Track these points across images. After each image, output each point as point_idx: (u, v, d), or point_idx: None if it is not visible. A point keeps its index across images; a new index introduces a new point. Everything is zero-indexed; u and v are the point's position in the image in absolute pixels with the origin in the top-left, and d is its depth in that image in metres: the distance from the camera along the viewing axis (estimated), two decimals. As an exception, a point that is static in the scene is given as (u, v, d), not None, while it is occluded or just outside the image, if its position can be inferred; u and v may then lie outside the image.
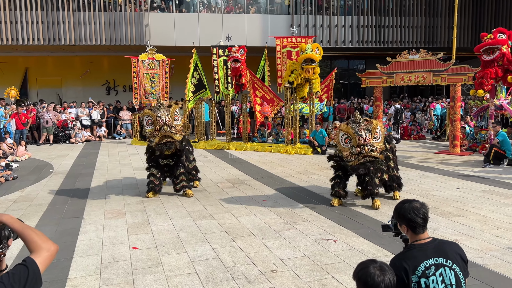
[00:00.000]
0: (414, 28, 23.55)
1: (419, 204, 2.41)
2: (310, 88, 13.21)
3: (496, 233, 5.47)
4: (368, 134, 6.24)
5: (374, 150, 6.25)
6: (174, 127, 7.20)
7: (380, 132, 6.47)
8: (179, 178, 7.70)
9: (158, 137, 7.15)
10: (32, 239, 1.76)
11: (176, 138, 7.21)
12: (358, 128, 6.28)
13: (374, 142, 6.29)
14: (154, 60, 16.74)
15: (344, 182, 7.09)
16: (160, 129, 7.10)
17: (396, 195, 7.34)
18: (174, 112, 7.35)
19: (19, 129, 15.54)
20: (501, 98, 12.83)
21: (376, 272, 1.91)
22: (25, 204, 7.42)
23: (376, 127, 6.40)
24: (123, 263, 4.71)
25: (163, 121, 7.07)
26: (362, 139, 6.19)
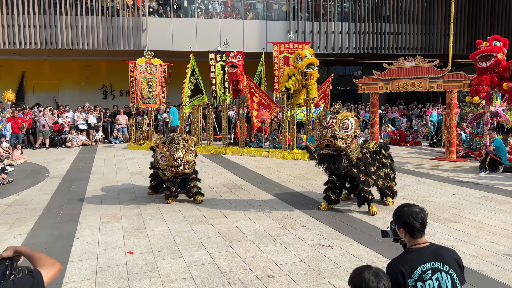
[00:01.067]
0: (410, 35, 23.71)
1: (418, 209, 2.43)
2: (307, 94, 13.24)
3: (492, 239, 5.49)
4: (334, 120, 6.23)
5: (336, 137, 6.19)
6: (188, 162, 7.33)
7: (353, 126, 6.34)
8: (192, 184, 7.72)
9: (171, 174, 7.39)
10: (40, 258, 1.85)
11: (187, 173, 7.43)
12: (327, 114, 6.37)
13: (340, 131, 6.22)
14: (152, 65, 16.74)
15: (339, 187, 7.06)
16: (175, 168, 7.24)
17: (388, 201, 7.34)
18: (190, 148, 7.41)
19: (15, 132, 15.48)
20: (496, 105, 12.91)
21: (371, 278, 1.91)
22: (20, 208, 7.38)
23: (346, 118, 6.31)
24: (118, 268, 4.68)
25: (178, 163, 7.18)
26: (325, 122, 6.23)
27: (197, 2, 22.27)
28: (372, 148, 7.04)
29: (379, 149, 7.14)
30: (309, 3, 22.76)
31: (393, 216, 2.51)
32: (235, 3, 22.84)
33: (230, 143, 16.32)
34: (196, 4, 22.20)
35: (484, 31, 23.79)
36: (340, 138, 6.22)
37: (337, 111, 6.41)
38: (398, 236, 2.54)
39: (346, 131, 6.28)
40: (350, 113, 6.48)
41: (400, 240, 2.56)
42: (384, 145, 7.49)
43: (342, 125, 6.26)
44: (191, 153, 7.45)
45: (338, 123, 6.23)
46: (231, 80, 14.50)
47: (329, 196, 7.02)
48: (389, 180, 7.27)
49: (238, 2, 22.65)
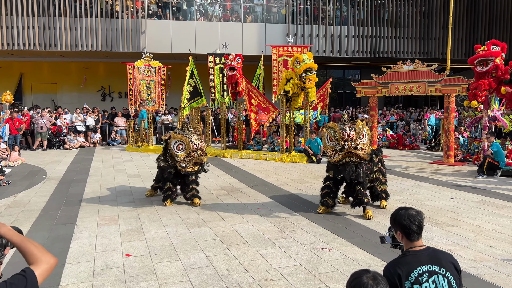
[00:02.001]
0: (409, 39, 23.79)
1: (415, 211, 2.44)
2: (306, 97, 13.26)
3: (490, 244, 5.49)
4: (353, 132, 6.30)
5: (358, 148, 6.26)
6: (203, 149, 7.28)
7: (366, 134, 6.48)
8: (190, 187, 7.64)
9: (191, 162, 7.19)
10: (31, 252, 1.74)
11: (204, 160, 7.34)
12: (343, 126, 6.40)
13: (359, 141, 6.31)
14: (150, 67, 16.75)
15: (334, 192, 7.09)
16: (194, 153, 7.13)
17: (383, 204, 7.35)
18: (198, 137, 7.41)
19: (13, 134, 15.44)
20: (494, 109, 12.95)
21: (369, 282, 1.90)
22: (17, 210, 7.35)
23: (362, 128, 6.44)
24: (116, 270, 4.67)
25: (196, 145, 7.11)
26: (346, 134, 6.26)
27: (196, 5, 22.30)
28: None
29: (371, 154, 7.16)
30: (308, 7, 22.82)
31: (390, 219, 2.52)
32: (234, 6, 22.88)
33: (229, 146, 16.32)
34: (195, 6, 22.24)
35: (482, 35, 23.89)
36: (361, 148, 6.32)
37: (348, 122, 6.51)
38: (397, 242, 2.55)
39: (363, 141, 6.39)
40: (362, 123, 6.58)
41: (399, 245, 2.56)
42: (377, 150, 7.50)
43: (359, 136, 6.35)
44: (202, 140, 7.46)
45: (357, 134, 6.33)
46: (230, 83, 14.52)
47: (327, 202, 7.06)
48: (379, 183, 7.27)
49: (237, 5, 22.69)
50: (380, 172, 7.32)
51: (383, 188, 7.32)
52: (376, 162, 7.25)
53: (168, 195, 7.60)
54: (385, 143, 17.37)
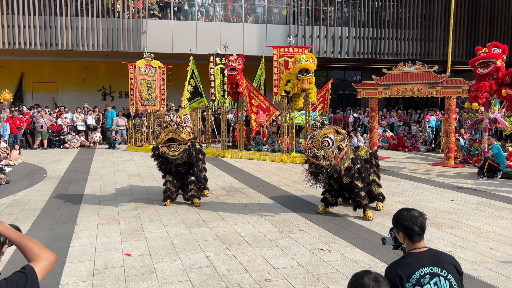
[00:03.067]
0: (410, 40, 23.78)
1: (417, 213, 2.44)
2: (306, 98, 13.25)
3: (490, 246, 5.49)
4: (313, 140, 6.27)
5: (318, 157, 6.22)
6: (183, 127, 7.20)
7: (332, 141, 6.28)
8: (189, 187, 7.60)
9: (164, 132, 7.10)
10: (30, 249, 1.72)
11: (182, 136, 7.15)
12: (308, 133, 6.44)
13: (321, 150, 6.22)
14: (151, 67, 16.75)
15: (336, 190, 7.08)
16: (167, 126, 7.08)
17: (379, 205, 7.35)
18: (182, 116, 7.32)
19: (13, 133, 15.44)
20: (495, 111, 12.94)
21: (371, 283, 1.90)
22: (17, 209, 7.35)
23: (325, 135, 6.28)
24: (116, 270, 4.66)
25: (170, 118, 7.09)
26: (307, 143, 6.34)
27: (198, 5, 22.30)
28: (364, 155, 7.10)
29: (370, 157, 7.19)
30: (309, 8, 22.82)
31: (392, 220, 2.52)
32: (236, 6, 22.89)
33: (229, 146, 16.32)
34: (197, 7, 22.24)
35: (483, 37, 23.88)
36: (322, 156, 6.23)
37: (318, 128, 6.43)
38: (398, 243, 2.55)
39: (328, 148, 6.27)
40: (330, 129, 6.38)
41: (401, 247, 2.56)
42: (375, 153, 7.52)
43: (322, 143, 6.26)
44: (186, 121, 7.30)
45: (317, 143, 6.25)
46: (230, 83, 14.52)
47: (327, 199, 7.08)
48: (375, 186, 7.27)
49: (239, 5, 22.69)
50: (376, 174, 7.34)
51: (379, 191, 7.33)
52: (373, 164, 7.27)
53: (168, 195, 7.58)
54: (386, 145, 17.37)
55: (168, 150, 7.14)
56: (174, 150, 7.15)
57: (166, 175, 7.70)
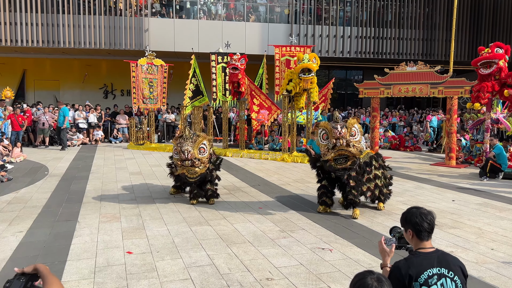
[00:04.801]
0: (412, 40, 23.74)
1: (426, 211, 2.47)
2: (308, 97, 13.25)
3: (491, 246, 5.48)
4: (344, 129, 6.32)
5: (350, 145, 6.28)
6: (199, 159, 7.24)
7: (358, 131, 6.47)
8: (207, 187, 7.67)
9: (180, 168, 7.35)
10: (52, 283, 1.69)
11: (197, 171, 7.30)
12: (335, 124, 6.42)
13: (351, 138, 6.32)
14: (153, 65, 16.76)
15: (331, 191, 7.13)
16: (183, 162, 7.19)
17: (380, 205, 7.35)
18: (200, 145, 7.32)
19: (15, 130, 15.46)
20: (497, 111, 12.92)
21: (373, 283, 1.90)
22: (19, 206, 7.36)
23: (353, 125, 6.44)
24: (117, 268, 4.67)
25: (185, 156, 7.13)
26: (338, 132, 6.29)
27: (200, 4, 22.29)
28: (363, 159, 7.01)
29: (370, 160, 7.12)
30: (312, 7, 22.80)
31: (401, 218, 2.53)
32: (238, 5, 22.87)
33: (230, 145, 16.31)
34: (199, 5, 22.23)
35: (485, 38, 23.83)
36: (353, 146, 6.32)
37: (340, 120, 6.51)
38: (402, 243, 2.56)
39: (355, 138, 6.39)
40: (354, 120, 6.58)
41: (405, 246, 2.57)
42: (376, 156, 7.41)
43: (351, 133, 6.36)
44: (203, 151, 7.34)
45: (348, 132, 6.33)
46: (231, 82, 14.51)
47: (325, 201, 7.12)
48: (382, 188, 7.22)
49: (241, 4, 22.68)
50: (384, 176, 7.30)
51: (385, 191, 7.32)
52: (377, 167, 7.20)
53: (195, 193, 7.63)
54: (387, 144, 17.36)
55: (187, 173, 7.32)
56: (192, 174, 7.32)
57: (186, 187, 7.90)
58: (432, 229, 2.42)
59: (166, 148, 16.08)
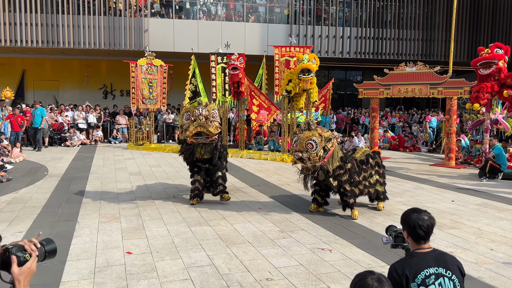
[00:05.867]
0: (411, 41, 23.76)
1: (427, 217, 2.44)
2: (308, 97, 13.24)
3: (491, 246, 5.49)
4: (297, 143, 6.52)
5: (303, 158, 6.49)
6: (211, 121, 7.24)
7: (316, 143, 6.43)
8: (218, 182, 7.66)
9: (193, 125, 7.21)
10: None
11: (211, 130, 7.22)
12: (294, 135, 6.72)
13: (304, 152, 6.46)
14: (152, 66, 16.75)
15: (324, 190, 7.13)
16: (195, 120, 7.14)
17: (380, 205, 7.36)
18: (211, 110, 7.34)
19: (14, 130, 15.45)
20: (496, 112, 12.93)
21: (374, 283, 1.90)
22: (18, 206, 7.36)
23: (309, 138, 6.45)
24: (117, 268, 4.67)
25: (199, 112, 7.13)
26: (294, 144, 6.57)
27: (199, 4, 22.30)
28: (359, 157, 7.15)
29: (367, 158, 7.19)
30: (311, 7, 22.81)
31: (401, 218, 2.53)
32: (237, 5, 22.88)
33: (230, 145, 16.31)
34: (198, 6, 22.23)
35: (485, 38, 23.85)
36: (307, 158, 6.45)
37: (303, 130, 6.63)
38: (398, 242, 2.56)
39: (312, 150, 6.44)
40: (313, 132, 6.52)
41: (402, 245, 2.57)
42: (372, 154, 7.48)
43: (306, 146, 6.44)
44: (214, 115, 7.33)
45: (301, 145, 6.45)
46: (232, 82, 14.51)
47: (316, 199, 7.18)
48: (378, 185, 7.27)
49: (240, 4, 22.68)
50: (378, 174, 7.33)
51: (381, 190, 7.33)
52: (373, 165, 7.25)
53: (196, 194, 7.62)
54: (386, 145, 17.37)
55: (200, 138, 7.30)
56: (205, 134, 7.26)
57: (195, 174, 7.72)
58: (429, 235, 2.41)
59: (165, 148, 16.08)
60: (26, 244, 1.75)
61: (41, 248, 1.79)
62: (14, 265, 1.67)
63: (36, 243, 1.79)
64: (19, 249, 1.71)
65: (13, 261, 1.67)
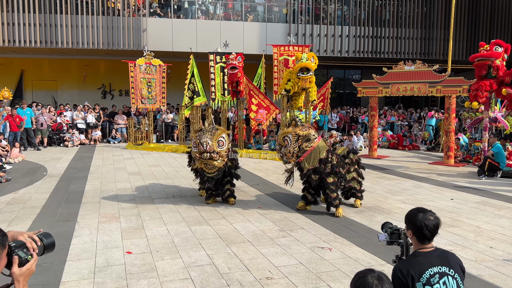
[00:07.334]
0: (410, 39, 23.77)
1: (433, 217, 2.44)
2: (306, 96, 13.25)
3: (490, 244, 5.50)
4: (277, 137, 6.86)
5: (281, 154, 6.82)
6: (217, 152, 7.12)
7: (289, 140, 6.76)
8: (226, 187, 7.67)
9: (198, 162, 7.26)
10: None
11: (216, 165, 7.14)
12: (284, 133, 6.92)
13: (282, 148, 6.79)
14: (151, 65, 16.74)
15: (314, 188, 7.19)
16: (201, 155, 7.10)
17: (357, 203, 7.45)
18: (218, 138, 7.22)
19: (13, 131, 15.43)
20: (495, 110, 12.94)
21: (374, 282, 1.90)
22: (18, 207, 7.35)
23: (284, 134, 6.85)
24: (117, 268, 4.67)
25: (203, 148, 7.03)
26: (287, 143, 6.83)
27: (198, 3, 22.28)
28: (341, 153, 7.36)
29: (347, 154, 7.39)
30: (310, 6, 22.80)
31: (405, 217, 2.54)
32: (236, 5, 22.87)
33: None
34: (197, 5, 22.22)
35: (483, 36, 23.87)
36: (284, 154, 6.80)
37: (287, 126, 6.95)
38: (394, 239, 2.56)
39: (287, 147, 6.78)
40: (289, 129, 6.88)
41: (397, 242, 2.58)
42: (352, 150, 7.70)
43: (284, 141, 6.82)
44: (222, 144, 7.23)
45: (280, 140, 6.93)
46: (231, 82, 14.51)
47: (306, 196, 7.26)
48: (355, 183, 7.36)
49: (239, 4, 22.67)
50: (356, 172, 7.42)
51: (358, 187, 7.41)
52: (354, 161, 7.38)
53: (210, 193, 7.66)
54: (385, 144, 17.38)
55: (205, 168, 7.27)
56: (210, 168, 7.22)
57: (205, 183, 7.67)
58: (433, 235, 2.42)
59: (165, 148, 16.08)
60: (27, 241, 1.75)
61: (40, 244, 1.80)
62: (15, 265, 1.67)
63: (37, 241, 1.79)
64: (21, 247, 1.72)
65: (15, 261, 1.67)
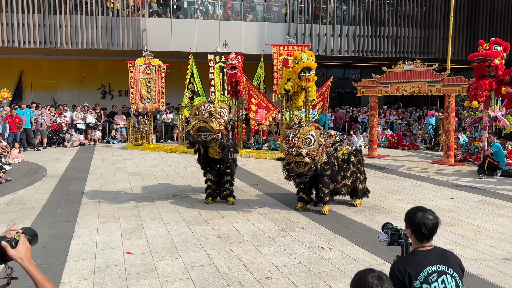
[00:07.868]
0: (409, 38, 23.77)
1: (432, 216, 2.44)
2: (306, 96, 13.24)
3: (490, 243, 5.50)
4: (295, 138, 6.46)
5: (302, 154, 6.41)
6: (214, 116, 7.02)
7: (314, 138, 6.55)
8: (225, 186, 7.66)
9: (195, 120, 7.01)
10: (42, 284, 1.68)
11: (212, 125, 6.94)
12: (288, 131, 6.66)
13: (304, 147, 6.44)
14: (151, 65, 16.73)
15: (308, 188, 7.19)
16: (199, 114, 6.99)
17: (357, 202, 7.46)
18: (218, 108, 7.18)
19: (12, 131, 15.43)
20: (495, 109, 12.94)
21: (374, 281, 1.90)
22: (18, 207, 7.35)
23: (306, 134, 6.52)
24: (117, 268, 4.67)
25: (204, 107, 7.00)
26: (289, 141, 6.51)
27: (197, 3, 22.27)
28: (341, 156, 7.29)
29: (348, 157, 7.32)
30: (309, 6, 22.80)
31: (405, 215, 2.54)
32: (235, 4, 22.86)
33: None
34: (196, 5, 22.21)
35: (483, 35, 23.85)
36: (305, 154, 6.44)
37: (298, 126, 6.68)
38: (394, 239, 2.57)
39: (310, 145, 6.50)
40: (311, 127, 6.67)
41: (398, 242, 2.58)
42: (355, 152, 7.59)
43: (305, 141, 6.48)
44: (222, 113, 7.16)
45: (301, 141, 6.46)
46: (230, 81, 14.51)
47: (302, 197, 7.24)
48: (358, 182, 7.38)
49: (238, 3, 22.67)
50: (359, 171, 7.43)
51: (361, 187, 7.43)
52: (355, 163, 7.38)
53: (209, 193, 7.65)
54: (385, 143, 17.39)
55: (198, 138, 7.15)
56: (203, 138, 7.09)
57: (207, 173, 7.72)
58: (432, 234, 2.42)
59: (164, 148, 16.07)
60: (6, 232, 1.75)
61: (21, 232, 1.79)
62: (9, 248, 1.66)
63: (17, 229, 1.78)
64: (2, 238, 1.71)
65: (5, 245, 1.65)
